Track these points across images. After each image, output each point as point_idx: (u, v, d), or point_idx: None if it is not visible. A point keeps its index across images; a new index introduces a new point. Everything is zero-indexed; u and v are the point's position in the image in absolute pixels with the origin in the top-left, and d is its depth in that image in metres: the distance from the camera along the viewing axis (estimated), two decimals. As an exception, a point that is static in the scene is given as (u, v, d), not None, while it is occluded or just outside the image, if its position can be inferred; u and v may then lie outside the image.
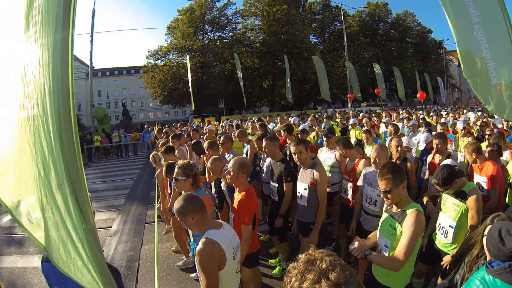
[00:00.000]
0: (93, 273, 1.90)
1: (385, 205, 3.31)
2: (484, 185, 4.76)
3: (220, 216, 5.69)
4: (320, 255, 1.30)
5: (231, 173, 3.83)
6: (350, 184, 5.15)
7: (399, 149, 5.24)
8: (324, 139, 6.10)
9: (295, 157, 4.52)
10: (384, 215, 3.21)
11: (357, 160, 5.22)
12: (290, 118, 12.73)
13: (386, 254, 2.97)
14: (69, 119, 1.80)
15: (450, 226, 3.75)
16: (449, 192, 3.78)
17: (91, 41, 31.63)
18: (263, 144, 5.30)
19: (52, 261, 1.94)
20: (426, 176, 5.68)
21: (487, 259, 2.38)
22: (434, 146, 5.53)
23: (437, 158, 5.49)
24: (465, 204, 3.63)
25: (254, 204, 3.87)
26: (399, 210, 3.01)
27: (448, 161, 4.81)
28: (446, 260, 3.64)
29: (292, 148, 4.52)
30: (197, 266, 2.75)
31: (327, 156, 5.92)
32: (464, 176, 4.10)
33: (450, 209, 3.78)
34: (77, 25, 1.98)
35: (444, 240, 3.85)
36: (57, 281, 2.39)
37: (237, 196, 3.90)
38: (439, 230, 3.94)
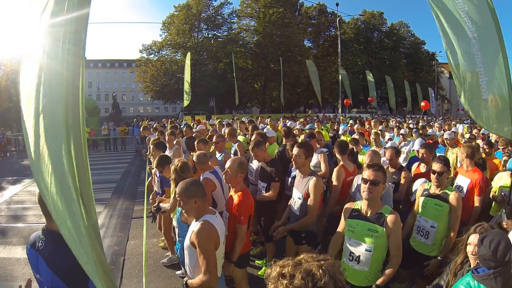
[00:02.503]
0: (93, 268, 1.90)
1: (348, 208, 3.39)
2: (465, 187, 4.95)
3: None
4: (295, 259, 1.35)
5: (229, 172, 3.85)
6: None
7: (392, 161, 5.31)
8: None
9: (292, 159, 4.49)
10: (355, 222, 3.24)
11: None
12: (288, 122, 12.69)
13: (370, 257, 3.09)
14: (77, 113, 1.80)
15: (431, 226, 3.95)
16: (433, 190, 4.04)
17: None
18: (252, 154, 5.36)
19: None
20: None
21: (472, 266, 2.50)
22: (420, 155, 5.60)
23: (422, 167, 5.50)
24: (448, 204, 3.86)
25: (250, 204, 3.88)
26: (374, 213, 3.14)
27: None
28: (434, 263, 3.79)
29: (294, 149, 4.48)
30: (188, 249, 2.89)
31: None
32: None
33: (431, 211, 3.97)
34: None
35: (424, 241, 4.02)
36: (32, 265, 2.46)
37: (233, 195, 3.91)
38: (418, 233, 4.09)
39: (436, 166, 4.02)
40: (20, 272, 5.85)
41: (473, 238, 2.60)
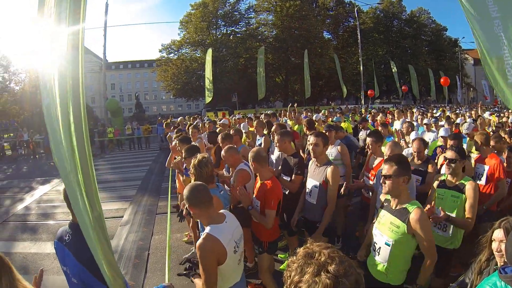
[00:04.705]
0: (99, 257, 1.96)
1: (382, 199, 3.35)
2: (484, 174, 4.90)
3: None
4: (319, 248, 1.32)
5: (252, 164, 3.93)
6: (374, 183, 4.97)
7: (420, 153, 5.09)
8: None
9: (310, 148, 4.40)
10: (382, 212, 3.20)
11: (381, 159, 5.10)
12: (314, 115, 12.51)
13: (388, 252, 2.97)
14: (78, 109, 1.85)
15: None
16: (450, 181, 3.94)
17: (105, 35, 31.86)
18: (275, 139, 5.19)
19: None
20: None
21: (498, 263, 2.33)
22: (449, 146, 5.44)
23: None
24: (464, 195, 3.76)
25: (279, 190, 3.92)
26: (399, 207, 3.01)
27: None
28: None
29: (311, 138, 4.41)
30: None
31: (328, 151, 5.85)
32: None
33: (448, 202, 3.87)
34: (91, 19, 2.10)
35: (442, 234, 3.92)
36: (59, 259, 2.55)
37: (261, 183, 3.97)
38: (435, 226, 3.96)
39: (448, 154, 3.96)
40: (50, 266, 6.05)
41: (498, 234, 2.41)
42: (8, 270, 1.92)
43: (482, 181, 4.88)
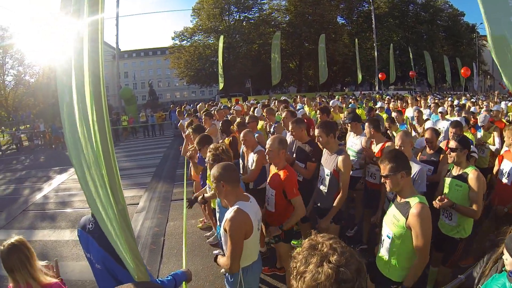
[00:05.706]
0: (122, 249, 2.04)
1: (390, 194, 3.33)
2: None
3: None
4: (322, 240, 1.38)
5: (272, 151, 3.92)
6: (376, 167, 4.97)
7: (432, 143, 5.02)
8: (349, 125, 6.01)
9: (316, 139, 4.44)
10: (391, 204, 3.19)
11: (382, 143, 5.17)
12: (331, 101, 12.32)
13: (388, 244, 2.98)
14: (100, 103, 1.89)
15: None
16: (455, 171, 3.94)
17: (117, 24, 32.14)
18: (290, 128, 5.17)
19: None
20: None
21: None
22: (450, 134, 5.37)
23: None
24: (467, 184, 3.73)
25: (295, 178, 3.96)
26: (402, 201, 2.97)
27: None
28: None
29: (315, 131, 4.44)
30: (223, 233, 2.93)
31: (354, 142, 5.77)
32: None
33: (453, 192, 3.86)
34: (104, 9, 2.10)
35: (448, 223, 3.92)
36: (83, 246, 2.66)
37: (277, 172, 3.97)
38: (443, 215, 3.99)
39: (450, 143, 3.95)
40: (69, 253, 6.27)
41: None
42: (32, 256, 2.01)
43: (509, 181, 4.55)
